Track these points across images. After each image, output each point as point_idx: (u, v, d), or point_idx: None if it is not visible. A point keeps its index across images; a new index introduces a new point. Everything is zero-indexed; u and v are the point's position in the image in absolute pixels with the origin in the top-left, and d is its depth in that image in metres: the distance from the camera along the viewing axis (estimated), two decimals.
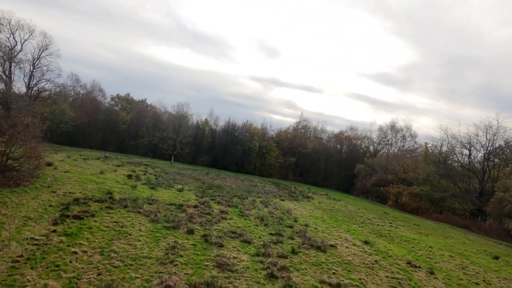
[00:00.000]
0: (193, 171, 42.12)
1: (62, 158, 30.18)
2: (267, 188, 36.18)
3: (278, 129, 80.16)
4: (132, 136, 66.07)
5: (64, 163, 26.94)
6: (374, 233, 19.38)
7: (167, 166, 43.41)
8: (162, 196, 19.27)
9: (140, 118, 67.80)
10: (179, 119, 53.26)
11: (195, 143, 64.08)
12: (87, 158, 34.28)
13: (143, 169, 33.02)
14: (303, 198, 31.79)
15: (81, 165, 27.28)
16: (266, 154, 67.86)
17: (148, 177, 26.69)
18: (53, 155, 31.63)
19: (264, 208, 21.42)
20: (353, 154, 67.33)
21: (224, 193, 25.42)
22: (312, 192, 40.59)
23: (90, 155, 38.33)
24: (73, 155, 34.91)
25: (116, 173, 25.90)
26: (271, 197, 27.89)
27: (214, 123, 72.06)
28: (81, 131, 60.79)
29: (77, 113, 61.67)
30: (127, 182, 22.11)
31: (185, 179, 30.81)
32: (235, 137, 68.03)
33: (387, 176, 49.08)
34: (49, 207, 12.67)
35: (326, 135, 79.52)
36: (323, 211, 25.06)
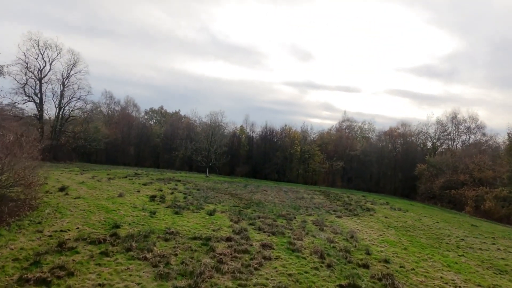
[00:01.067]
0: (230, 184, 38.10)
1: (85, 179, 27.59)
2: (316, 200, 30.90)
3: (320, 131, 74.10)
4: (167, 149, 64.28)
5: (83, 185, 24.11)
6: (488, 267, 13.44)
7: (202, 180, 39.86)
8: (186, 225, 15.08)
9: (173, 130, 65.96)
10: (212, 128, 49.92)
11: (232, 152, 60.48)
12: (114, 177, 31.70)
13: (172, 186, 29.52)
14: (363, 211, 26.09)
15: (101, 187, 24.25)
16: (309, 160, 62.27)
17: (175, 197, 22.89)
18: (76, 176, 29.31)
19: (320, 232, 16.35)
20: (409, 153, 59.32)
21: (266, 212, 20.75)
22: (369, 201, 34.47)
23: (118, 173, 35.90)
24: (99, 175, 32.50)
25: (139, 194, 22.42)
26: (324, 213, 22.67)
27: (251, 130, 68.19)
28: (115, 148, 60.09)
29: (111, 130, 61.19)
30: (146, 207, 18.32)
31: (219, 195, 26.67)
32: (274, 143, 63.39)
33: (459, 177, 41.16)
34: (13, 261, 8.85)
35: (375, 134, 71.86)
36: (396, 230, 19.33)
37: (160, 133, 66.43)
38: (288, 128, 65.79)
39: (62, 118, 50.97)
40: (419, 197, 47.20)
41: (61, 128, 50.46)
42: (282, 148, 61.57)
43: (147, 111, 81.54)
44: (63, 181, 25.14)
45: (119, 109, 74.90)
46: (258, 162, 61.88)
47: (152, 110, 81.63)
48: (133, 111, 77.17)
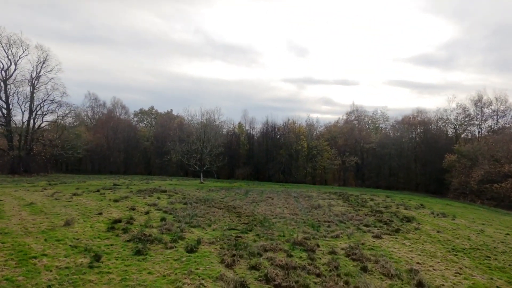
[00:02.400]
0: (228, 192, 32.10)
1: (39, 198, 21.84)
2: (335, 208, 24.81)
3: (326, 124, 67.91)
4: (158, 153, 58.34)
5: (28, 208, 18.46)
6: None
7: (194, 188, 33.87)
8: (144, 283, 9.05)
9: (164, 131, 59.98)
10: (204, 127, 43.81)
11: (230, 153, 54.42)
12: (82, 192, 25.86)
13: (152, 201, 23.51)
14: (402, 222, 20.03)
15: (52, 209, 18.44)
16: (318, 156, 56.11)
17: (148, 220, 16.91)
18: (32, 194, 23.51)
19: (364, 275, 10.28)
20: (431, 143, 53.00)
21: (275, 237, 14.72)
22: (400, 205, 28.37)
23: (93, 186, 30.06)
24: (65, 190, 26.68)
25: (97, 219, 16.49)
26: (356, 232, 16.60)
27: (250, 127, 62.15)
28: (100, 155, 54.23)
29: (94, 136, 55.29)
30: (94, 244, 12.38)
31: (211, 211, 20.64)
32: (277, 140, 57.30)
33: (502, 168, 34.92)
34: None
35: (389, 124, 65.58)
36: (469, 257, 13.31)
37: (150, 135, 60.46)
38: (291, 122, 59.72)
39: (33, 125, 45.07)
40: (452, 193, 41.01)
41: (33, 135, 44.56)
42: (286, 145, 55.51)
43: (136, 113, 75.62)
44: (3, 203, 19.29)
45: (106, 112, 69.07)
46: (260, 162, 55.88)
47: (142, 111, 75.71)
48: (121, 113, 71.39)
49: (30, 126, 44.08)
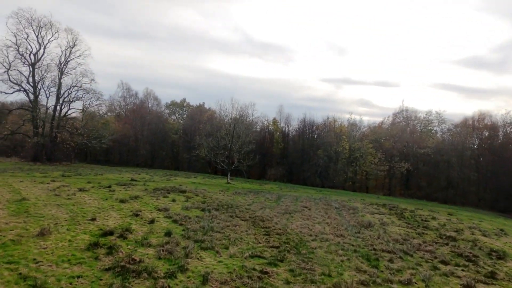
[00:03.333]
0: (257, 196, 27.95)
1: (38, 192, 19.21)
2: (390, 227, 19.69)
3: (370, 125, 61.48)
4: (186, 148, 55.60)
5: (18, 204, 15.53)
6: None
7: (219, 189, 30.13)
8: None
9: (194, 124, 57.11)
10: (234, 121, 39.86)
11: (262, 151, 50.21)
12: (91, 187, 23.06)
13: (165, 203, 19.94)
14: (494, 261, 14.60)
15: (40, 210, 15.52)
16: (360, 159, 50.18)
17: (148, 234, 13.22)
18: (35, 186, 20.95)
19: None
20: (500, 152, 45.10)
21: (316, 277, 10.24)
22: (475, 228, 22.50)
23: (106, 181, 27.28)
24: (74, 183, 24.05)
25: (83, 229, 13.09)
26: (433, 275, 11.61)
27: (286, 123, 57.42)
28: (126, 145, 52.50)
29: (122, 126, 53.70)
30: (49, 278, 8.61)
31: (232, 223, 16.52)
32: (315, 140, 52.24)
33: None
34: None
35: (445, 127, 57.77)
36: None
37: (179, 128, 57.94)
38: (332, 120, 54.19)
39: (60, 111, 43.89)
40: None
41: (59, 122, 43.36)
42: (325, 146, 50.25)
43: (168, 105, 73.88)
44: None
45: (138, 102, 67.89)
46: (295, 163, 51.17)
47: (173, 103, 73.77)
48: (153, 105, 69.88)
49: (57, 113, 42.94)
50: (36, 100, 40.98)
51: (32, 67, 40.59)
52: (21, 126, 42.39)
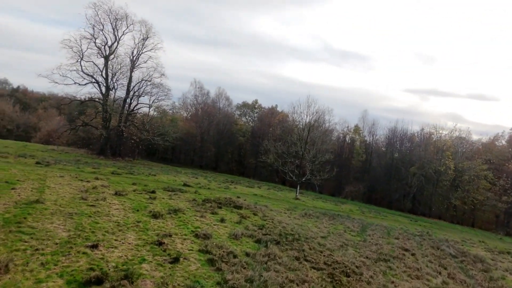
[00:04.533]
0: (332, 223, 21.42)
1: (76, 190, 15.78)
2: None
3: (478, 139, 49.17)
4: (253, 152, 51.14)
5: (20, 210, 11.78)
6: None
7: (285, 207, 24.35)
8: None
9: (263, 127, 52.44)
10: (309, 125, 33.49)
11: (340, 163, 42.93)
12: (137, 189, 19.78)
13: (208, 225, 14.94)
14: None
15: (42, 221, 11.65)
16: (469, 184, 39.34)
17: None
18: (71, 183, 17.89)
19: None
20: None
21: None
22: None
23: (154, 183, 23.82)
24: (119, 183, 20.81)
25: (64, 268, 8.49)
26: None
27: (370, 132, 48.93)
28: (191, 145, 50.27)
29: (189, 124, 51.76)
30: None
31: (298, 276, 10.56)
32: (407, 154, 42.82)
33: None
34: None
35: None
36: None
37: (247, 130, 53.90)
38: (432, 130, 43.95)
39: (129, 105, 43.25)
40: None
41: (127, 117, 42.63)
42: (422, 162, 40.54)
43: (239, 106, 71.01)
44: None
45: (209, 101, 66.30)
46: (379, 180, 42.60)
47: (244, 104, 70.59)
48: (224, 105, 67.61)
49: (125, 107, 42.36)
50: (108, 92, 40.79)
51: (106, 59, 40.57)
52: (93, 119, 42.73)
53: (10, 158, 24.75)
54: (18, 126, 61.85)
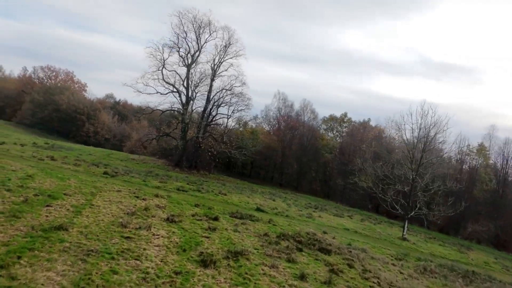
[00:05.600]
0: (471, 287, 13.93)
1: (121, 211, 12.55)
2: None
3: None
4: (341, 172, 44.42)
5: (61, 238, 8.39)
6: None
7: (391, 251, 17.69)
8: None
9: (354, 143, 45.42)
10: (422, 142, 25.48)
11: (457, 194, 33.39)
12: (197, 213, 15.95)
13: (287, 285, 9.63)
14: None
15: (71, 256, 7.68)
16: None
17: None
18: (121, 201, 14.93)
19: None
20: None
21: None
22: None
23: (223, 205, 19.85)
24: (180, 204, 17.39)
25: None
26: None
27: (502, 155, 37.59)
28: (271, 160, 46.06)
29: (271, 138, 47.85)
30: None
31: None
32: None
33: None
34: None
35: None
36: None
37: (334, 146, 47.41)
38: None
39: (208, 116, 41.35)
40: None
41: (205, 128, 40.70)
42: None
43: (326, 119, 64.73)
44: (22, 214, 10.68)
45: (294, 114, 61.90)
46: None
47: (332, 117, 64.06)
48: (309, 118, 62.32)
49: (204, 117, 40.54)
50: (188, 103, 39.57)
51: (188, 68, 39.59)
52: (174, 129, 42.07)
53: (82, 167, 23.77)
54: (115, 136, 66.71)
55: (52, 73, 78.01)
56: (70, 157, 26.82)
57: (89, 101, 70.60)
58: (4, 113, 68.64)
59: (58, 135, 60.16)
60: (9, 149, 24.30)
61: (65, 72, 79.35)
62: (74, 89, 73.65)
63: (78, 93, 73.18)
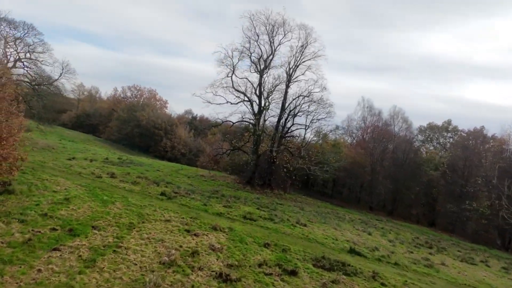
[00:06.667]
0: None
1: (168, 261, 8.05)
2: None
3: None
4: (450, 193, 35.12)
5: None
6: None
7: None
8: None
9: (468, 158, 35.66)
10: None
11: None
12: (272, 259, 10.65)
13: None
14: None
15: None
16: None
17: None
18: (196, 234, 10.62)
19: None
20: None
21: None
22: None
23: (308, 242, 14.46)
24: (248, 243, 12.45)
25: None
26: None
27: None
28: (358, 179, 38.85)
29: (356, 152, 40.90)
30: None
31: None
32: None
33: None
34: None
35: None
36: None
37: (440, 161, 38.01)
38: None
39: (283, 127, 36.55)
40: None
41: (280, 140, 35.93)
42: None
43: (423, 129, 54.40)
44: None
45: (381, 124, 53.51)
46: None
47: (430, 126, 53.51)
48: (400, 128, 53.13)
49: (279, 129, 35.78)
50: (260, 112, 35.41)
51: (261, 74, 35.61)
52: (247, 142, 38.28)
53: (140, 185, 20.94)
54: (190, 150, 66.53)
55: (138, 91, 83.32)
56: (133, 173, 24.54)
57: (167, 116, 72.45)
58: (97, 130, 74.63)
59: (139, 150, 62.14)
60: (73, 166, 22.87)
61: (149, 90, 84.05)
62: (155, 106, 76.82)
63: (159, 110, 76.07)
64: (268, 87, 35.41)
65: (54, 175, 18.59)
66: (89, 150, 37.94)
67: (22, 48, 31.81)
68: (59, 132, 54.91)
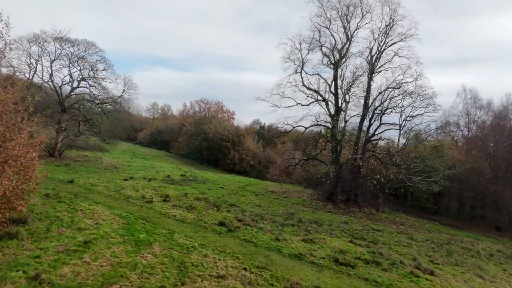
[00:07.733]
0: None
1: None
2: None
3: None
4: None
5: None
6: None
7: None
8: None
9: None
10: None
11: None
12: None
13: None
14: None
15: None
16: None
17: None
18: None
19: None
20: None
21: None
22: None
23: None
24: None
25: None
26: None
27: None
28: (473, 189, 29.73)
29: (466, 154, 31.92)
30: None
31: None
32: None
33: None
34: None
35: None
36: None
37: None
38: None
39: (367, 129, 29.84)
40: None
41: (366, 146, 29.28)
42: None
43: None
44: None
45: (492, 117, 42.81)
46: None
47: None
48: None
49: (362, 131, 29.10)
50: (338, 112, 29.29)
51: (336, 66, 29.60)
52: (323, 150, 32.43)
53: (196, 211, 16.79)
54: (260, 162, 62.51)
55: (206, 105, 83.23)
56: (192, 194, 20.71)
57: (234, 127, 69.95)
58: (169, 146, 75.74)
59: (208, 164, 60.27)
60: (125, 188, 19.91)
61: (216, 103, 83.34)
62: (222, 118, 75.26)
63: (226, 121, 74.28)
64: (346, 82, 29.24)
65: (96, 202, 15.45)
66: (155, 167, 36.06)
67: (85, 66, 31.27)
68: (133, 150, 55.81)
